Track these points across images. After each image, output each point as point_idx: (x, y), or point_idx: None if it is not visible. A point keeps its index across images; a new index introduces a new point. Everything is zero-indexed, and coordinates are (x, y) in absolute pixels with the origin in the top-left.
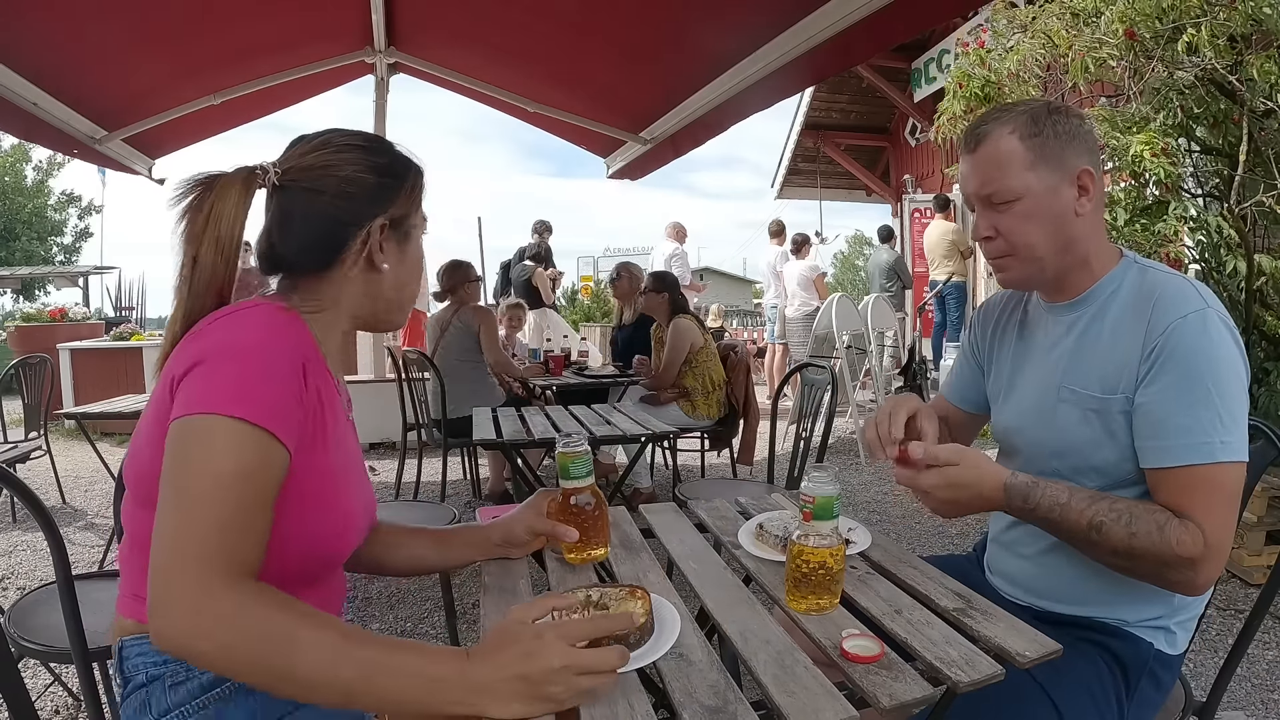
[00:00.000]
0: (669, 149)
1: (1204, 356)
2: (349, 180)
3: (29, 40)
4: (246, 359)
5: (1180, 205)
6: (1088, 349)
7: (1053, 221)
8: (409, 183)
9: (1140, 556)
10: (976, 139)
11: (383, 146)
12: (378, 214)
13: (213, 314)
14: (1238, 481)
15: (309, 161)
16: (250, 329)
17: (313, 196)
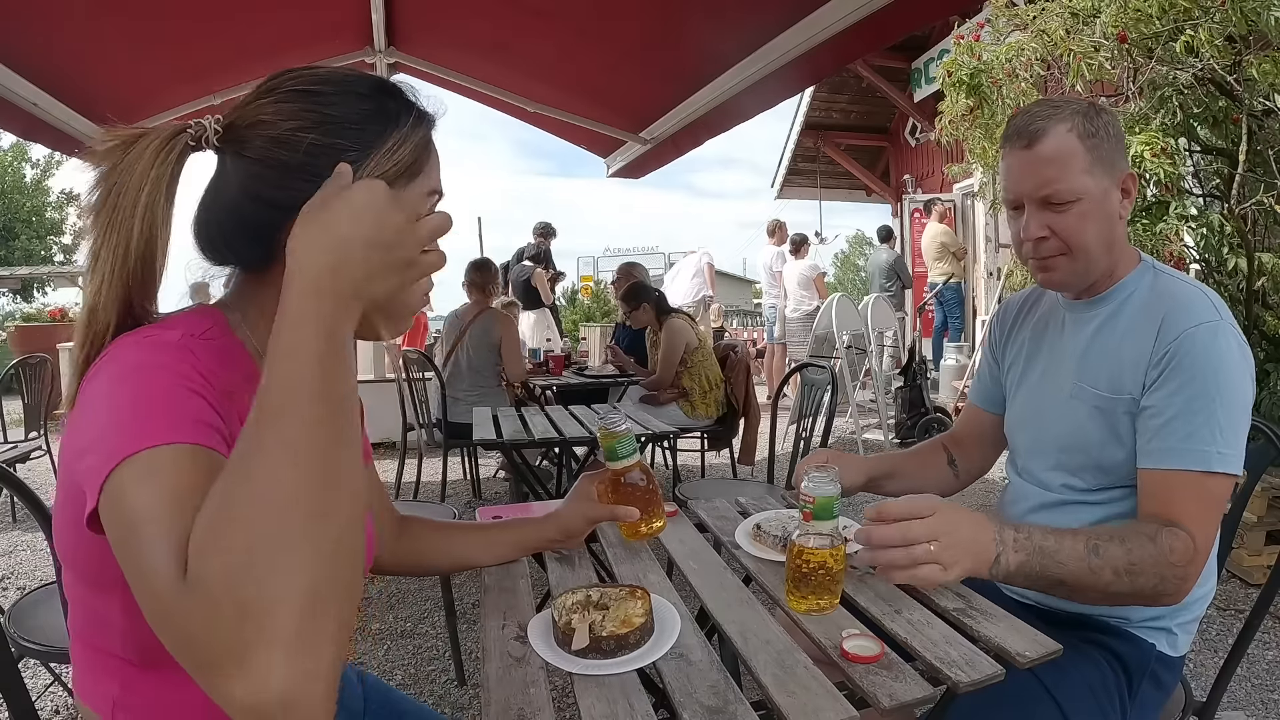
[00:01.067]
0: (670, 149)
1: (1212, 368)
2: (282, 142)
3: (29, 40)
4: (126, 391)
5: (1181, 205)
6: (1100, 348)
7: (1104, 223)
8: (382, 144)
9: (1140, 571)
10: (1031, 135)
11: (344, 88)
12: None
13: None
14: (1225, 495)
15: (248, 114)
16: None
17: (243, 165)
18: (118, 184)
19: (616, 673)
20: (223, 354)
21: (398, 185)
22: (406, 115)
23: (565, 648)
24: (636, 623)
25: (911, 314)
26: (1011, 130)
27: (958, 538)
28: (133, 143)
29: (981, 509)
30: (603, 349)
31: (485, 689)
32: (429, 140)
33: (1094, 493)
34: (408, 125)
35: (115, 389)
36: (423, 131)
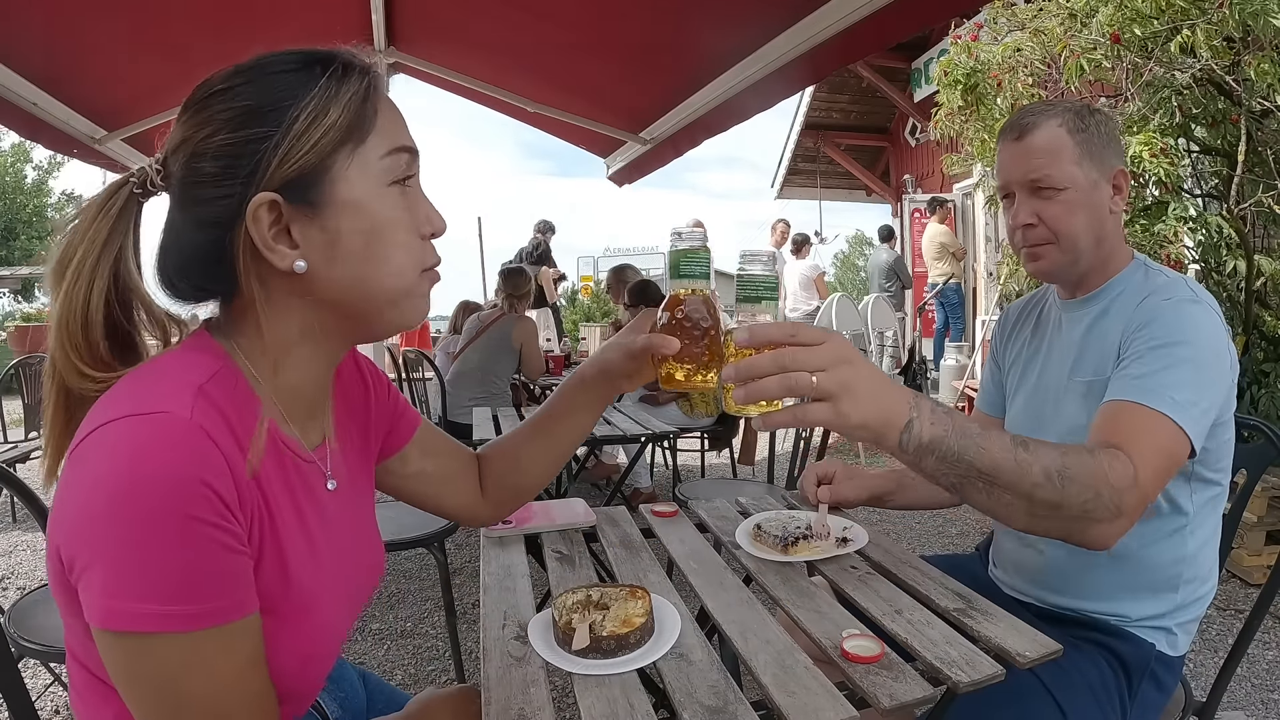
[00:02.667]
0: (669, 149)
1: (1179, 328)
2: (200, 155)
3: (29, 40)
4: (137, 535)
5: (1180, 205)
6: (1093, 342)
7: (1093, 215)
8: (299, 114)
9: (1072, 479)
10: (1022, 128)
11: (253, 72)
12: (249, 192)
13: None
14: (1176, 450)
15: (174, 140)
16: (128, 469)
17: (179, 195)
18: (68, 247)
19: (616, 673)
20: (234, 402)
21: (342, 154)
22: (323, 77)
23: (565, 648)
24: (636, 623)
25: (911, 314)
26: (1005, 127)
27: (855, 375)
28: (82, 210)
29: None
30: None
31: (485, 689)
32: (368, 96)
33: None
34: (328, 85)
35: (125, 518)
36: (351, 88)
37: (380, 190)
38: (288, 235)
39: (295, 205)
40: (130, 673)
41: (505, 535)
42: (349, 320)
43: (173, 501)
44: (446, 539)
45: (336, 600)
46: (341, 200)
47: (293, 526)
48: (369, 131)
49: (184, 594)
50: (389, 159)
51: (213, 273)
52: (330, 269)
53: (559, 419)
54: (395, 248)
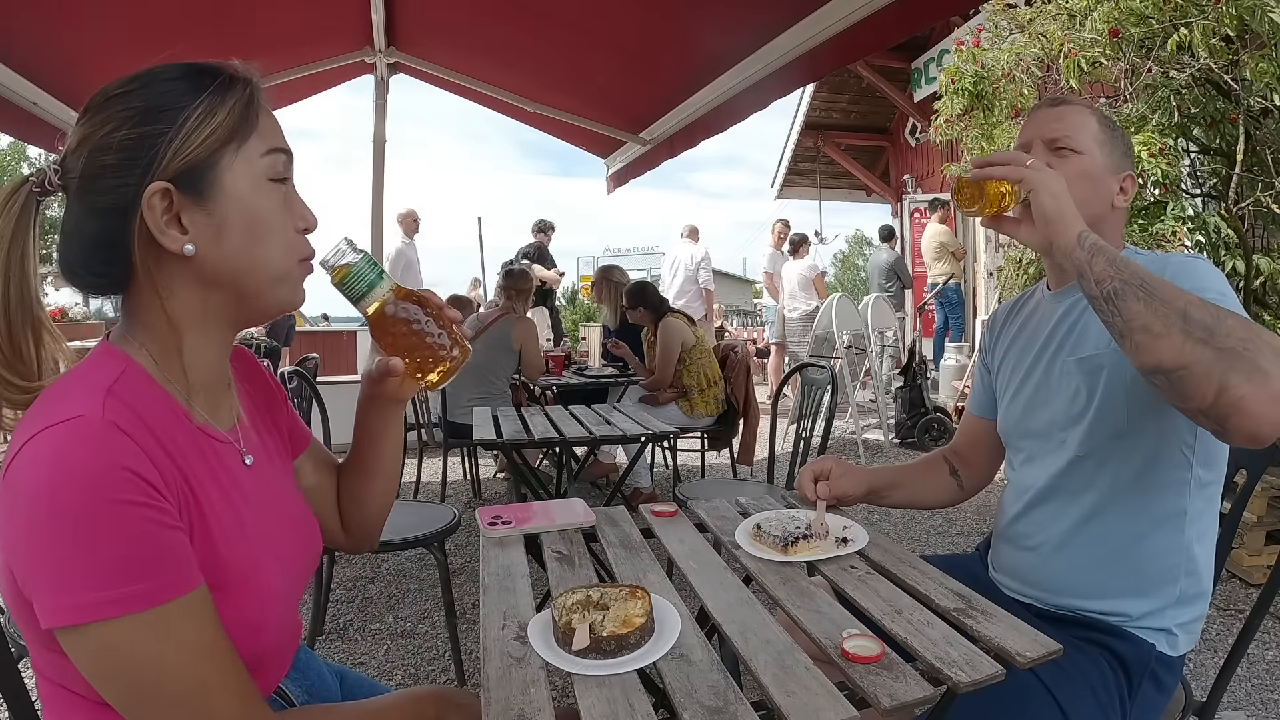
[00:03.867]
0: (664, 150)
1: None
2: (101, 149)
3: (28, 39)
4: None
5: (1178, 205)
6: (1084, 321)
7: (1097, 193)
8: (192, 114)
9: (1229, 315)
10: (1056, 100)
11: (148, 78)
12: (144, 181)
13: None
14: None
15: (71, 141)
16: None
17: (79, 189)
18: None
19: (617, 673)
20: (143, 399)
21: (228, 150)
22: (213, 84)
23: (565, 648)
24: (636, 623)
25: (911, 314)
26: (1042, 101)
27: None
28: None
29: (981, 509)
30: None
31: (485, 689)
32: (250, 102)
33: (1088, 484)
34: (217, 92)
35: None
36: (238, 94)
37: (260, 184)
38: (178, 222)
39: (185, 194)
40: (103, 666)
41: (505, 535)
42: (234, 300)
43: (100, 491)
44: (446, 539)
45: (275, 570)
46: (226, 191)
47: (217, 503)
48: (251, 133)
49: (134, 574)
50: (268, 157)
51: (110, 258)
52: (216, 252)
53: (372, 449)
54: (273, 234)
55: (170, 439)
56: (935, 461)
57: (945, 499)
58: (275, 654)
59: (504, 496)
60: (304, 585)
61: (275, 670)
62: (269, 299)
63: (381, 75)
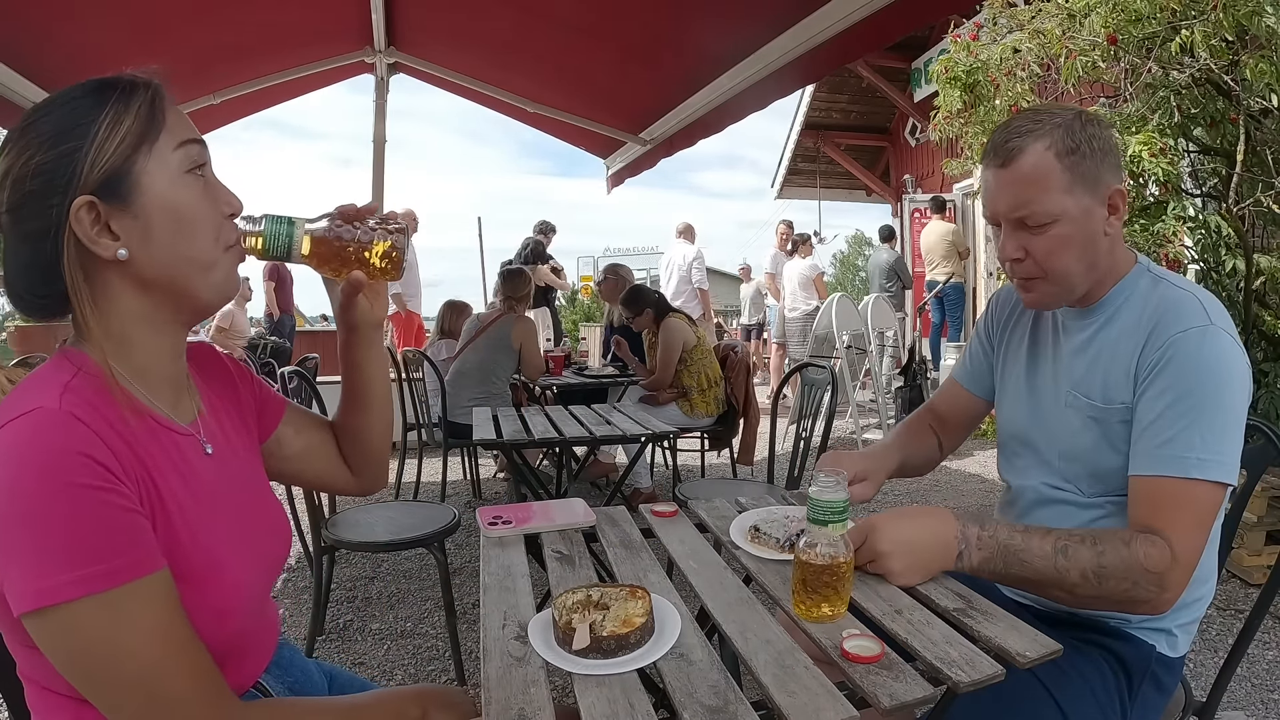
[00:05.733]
0: (665, 149)
1: (1197, 372)
2: (20, 180)
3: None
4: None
5: (1179, 205)
6: (1094, 357)
7: (1085, 245)
8: (100, 125)
9: (1109, 575)
10: (1008, 153)
11: (54, 102)
12: (68, 198)
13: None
14: (1210, 502)
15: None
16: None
17: (9, 221)
18: None
19: (617, 673)
20: (99, 394)
21: (140, 153)
22: (115, 94)
23: (565, 648)
24: (637, 623)
25: (911, 314)
26: (990, 146)
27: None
28: None
29: (981, 509)
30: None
31: (485, 689)
32: (154, 103)
33: (1090, 498)
34: (120, 100)
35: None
36: (139, 99)
37: (179, 177)
38: (109, 230)
39: (109, 202)
40: (64, 648)
41: (505, 535)
42: (172, 296)
43: (55, 475)
44: (446, 539)
45: (243, 560)
46: (146, 191)
47: (179, 492)
48: (159, 132)
49: (91, 556)
50: (180, 150)
51: (49, 278)
52: (147, 251)
53: (362, 382)
54: (199, 223)
55: (128, 430)
56: (923, 428)
57: (930, 465)
58: (250, 645)
59: (504, 496)
60: (274, 576)
61: (253, 663)
62: (204, 289)
63: (381, 75)
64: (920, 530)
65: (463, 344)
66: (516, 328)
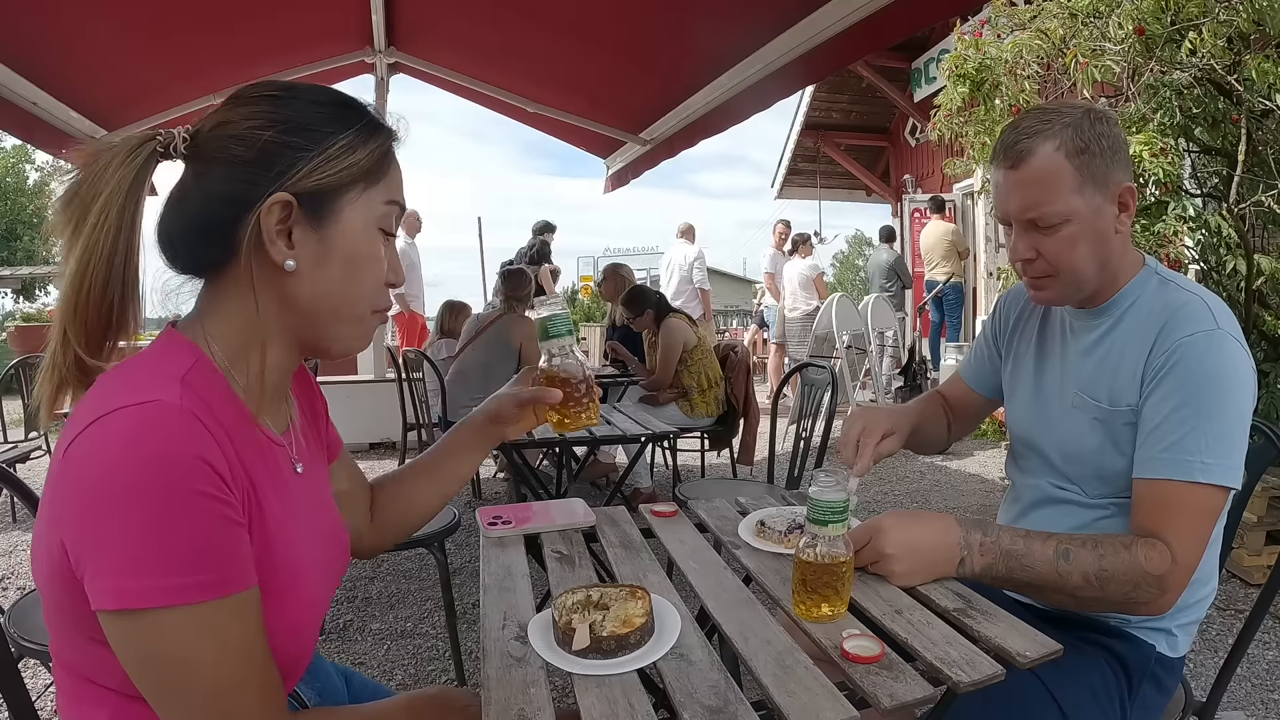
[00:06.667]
0: (664, 150)
1: (1203, 376)
2: (239, 139)
3: (28, 39)
4: (147, 515)
5: (1180, 205)
6: (1100, 359)
7: (1096, 243)
8: (336, 142)
9: (1111, 578)
10: (1018, 155)
11: (304, 94)
12: (273, 186)
13: (87, 408)
14: (1213, 505)
15: (211, 120)
16: (130, 455)
17: (204, 166)
18: (84, 190)
19: (616, 673)
20: (213, 394)
21: (356, 188)
22: (361, 122)
23: (565, 648)
24: (637, 623)
25: (911, 314)
26: (1000, 147)
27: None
28: (99, 153)
29: (981, 509)
30: (602, 349)
31: (485, 689)
32: (388, 152)
33: (1093, 499)
34: (363, 132)
35: (132, 501)
36: (379, 141)
37: (371, 230)
38: (288, 236)
39: (305, 213)
40: (143, 654)
41: (505, 535)
42: (308, 328)
43: (180, 479)
44: (446, 539)
45: (316, 575)
46: (342, 224)
47: (274, 504)
48: (380, 180)
49: (195, 565)
50: (385, 208)
51: (212, 241)
52: (312, 277)
53: (448, 457)
54: (365, 279)
55: (237, 435)
56: (935, 407)
57: (939, 445)
58: (303, 655)
59: (504, 496)
60: (333, 593)
61: (301, 664)
62: (338, 337)
63: (381, 75)
64: (925, 534)
65: (463, 344)
66: (517, 327)
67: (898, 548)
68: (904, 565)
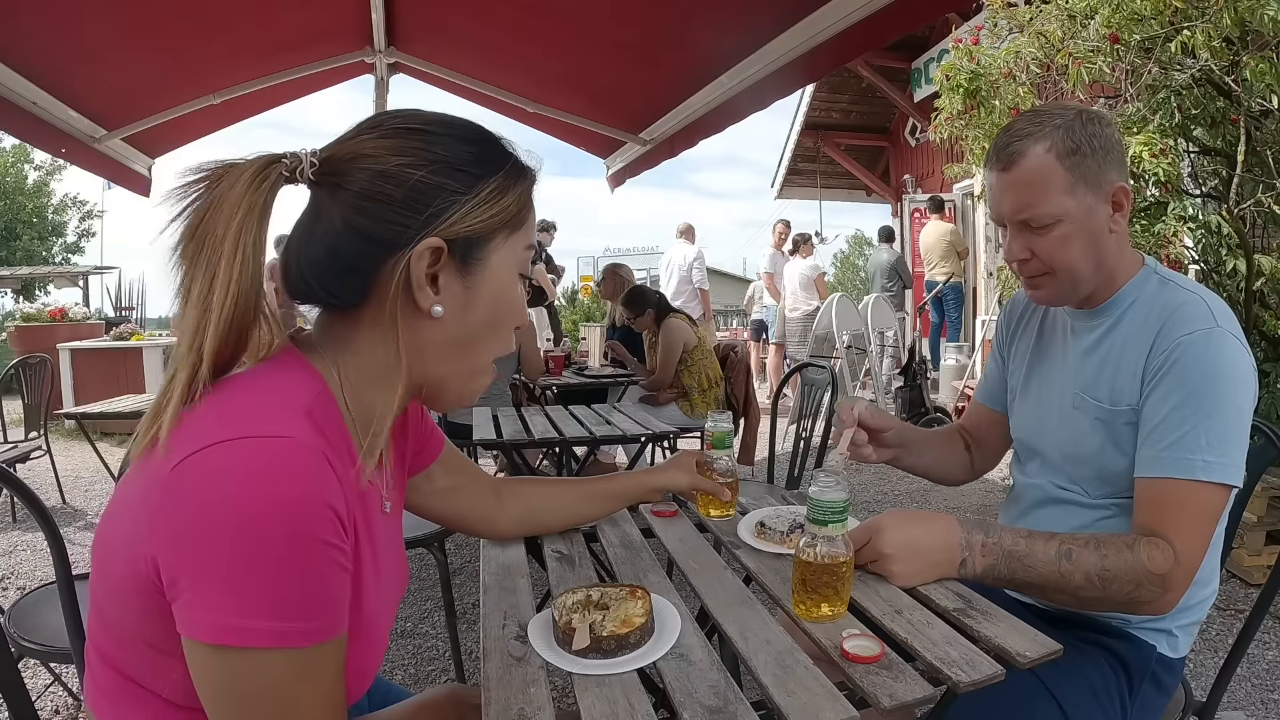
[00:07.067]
0: (666, 149)
1: (1203, 374)
2: (386, 176)
3: (28, 39)
4: (266, 555)
5: (1179, 206)
6: (1101, 359)
7: (1090, 242)
8: (488, 186)
9: (1113, 578)
10: (1009, 157)
11: (454, 130)
12: (424, 230)
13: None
14: (1215, 504)
15: (348, 149)
16: (254, 490)
17: (338, 197)
18: (209, 215)
19: (616, 673)
20: (333, 428)
21: (502, 234)
22: (508, 164)
23: (565, 648)
24: (637, 623)
25: (912, 314)
26: (993, 149)
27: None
28: (222, 175)
29: (981, 509)
30: (602, 349)
31: (485, 689)
32: (529, 195)
33: (1095, 499)
34: (512, 174)
35: (252, 538)
36: (526, 183)
37: (513, 275)
38: (433, 280)
39: (455, 259)
40: (232, 688)
41: None
42: (435, 374)
43: (304, 525)
44: (446, 539)
45: (387, 617)
46: (489, 270)
47: (368, 547)
48: (524, 224)
49: (307, 612)
50: (525, 251)
51: (347, 280)
52: (454, 324)
53: (601, 496)
54: (506, 326)
55: (347, 476)
56: (954, 434)
57: (958, 475)
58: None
59: None
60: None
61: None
62: (455, 390)
63: (381, 75)
64: (925, 534)
65: None
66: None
67: (897, 547)
68: (904, 565)
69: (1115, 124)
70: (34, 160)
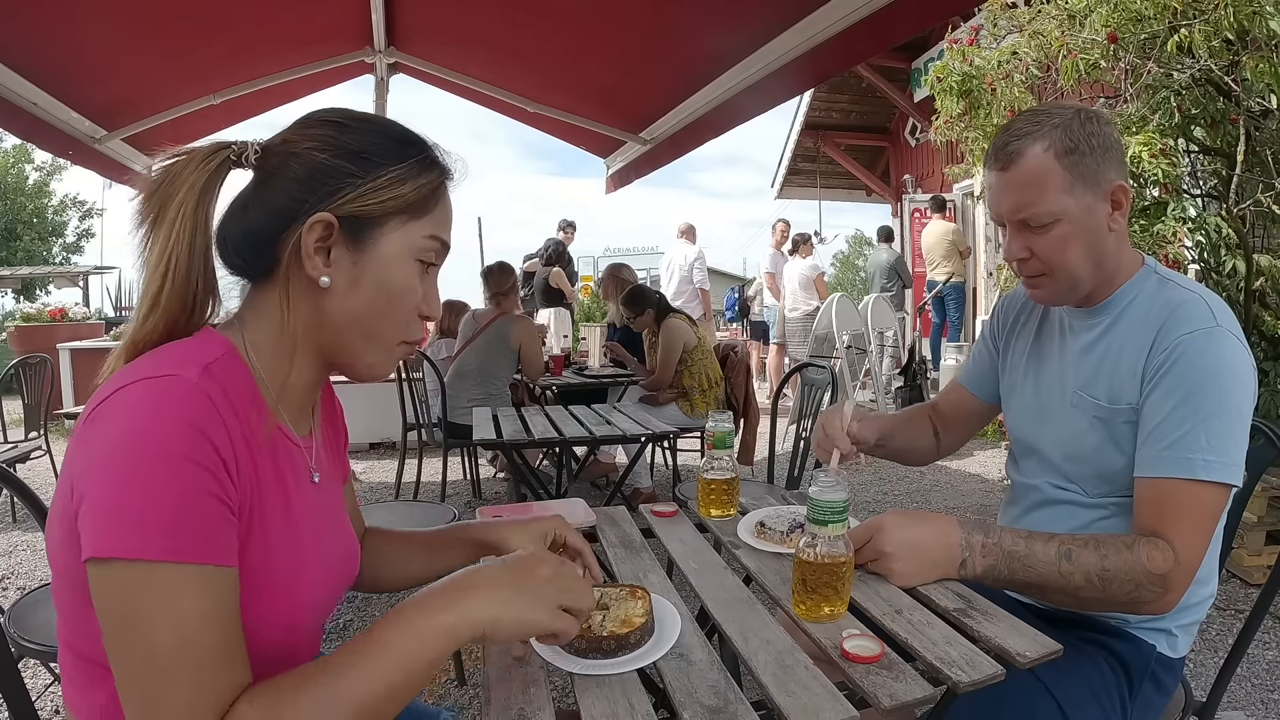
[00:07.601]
0: (667, 149)
1: (1203, 374)
2: (297, 157)
3: (28, 39)
4: (137, 472)
5: (1179, 206)
6: (1099, 357)
7: (1089, 241)
8: (385, 173)
9: (1113, 578)
10: (1008, 157)
11: (367, 125)
12: (319, 206)
13: (115, 379)
14: (1215, 503)
15: (280, 137)
16: (137, 418)
17: (264, 179)
18: (161, 189)
19: (617, 673)
20: (235, 385)
21: (398, 219)
22: (416, 157)
23: (566, 648)
24: (637, 623)
25: (911, 314)
26: (991, 149)
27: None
28: (179, 156)
29: (981, 509)
30: (602, 349)
31: (485, 689)
32: (439, 189)
33: (1093, 499)
34: (415, 166)
35: (128, 458)
36: (431, 177)
37: (408, 260)
38: (326, 254)
39: (345, 234)
40: (110, 606)
41: None
42: (335, 347)
43: (174, 445)
44: None
45: (319, 582)
46: (378, 250)
47: (279, 504)
48: (424, 214)
49: (168, 528)
50: (426, 241)
51: (258, 250)
52: (343, 296)
53: (440, 548)
54: (397, 307)
55: (251, 430)
56: (921, 417)
57: (926, 457)
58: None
59: (504, 496)
60: (338, 601)
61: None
62: (362, 361)
63: (381, 75)
64: (925, 534)
65: (461, 344)
66: (515, 327)
67: (898, 547)
68: (904, 565)
69: (1114, 123)
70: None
